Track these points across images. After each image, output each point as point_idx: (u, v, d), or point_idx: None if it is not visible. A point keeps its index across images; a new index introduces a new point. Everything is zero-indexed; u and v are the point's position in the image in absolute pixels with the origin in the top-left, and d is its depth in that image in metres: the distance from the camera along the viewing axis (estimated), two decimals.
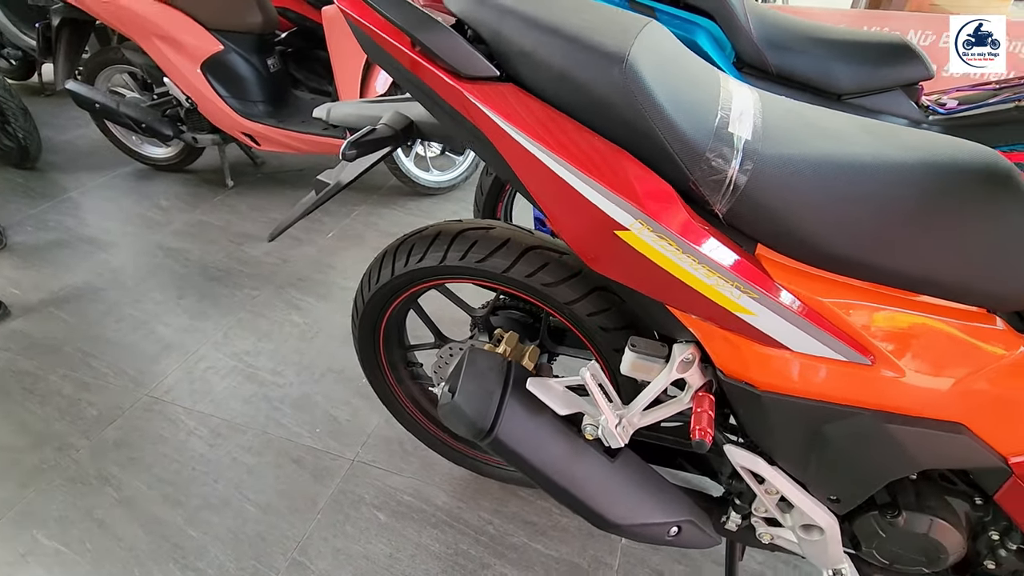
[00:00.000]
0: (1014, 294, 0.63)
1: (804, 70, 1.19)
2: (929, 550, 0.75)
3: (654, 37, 0.66)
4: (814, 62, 1.18)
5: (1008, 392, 0.64)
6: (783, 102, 0.72)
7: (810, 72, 1.19)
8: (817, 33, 1.21)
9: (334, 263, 2.03)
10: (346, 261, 2.05)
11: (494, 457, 1.22)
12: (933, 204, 0.61)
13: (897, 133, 0.69)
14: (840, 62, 1.18)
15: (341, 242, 2.15)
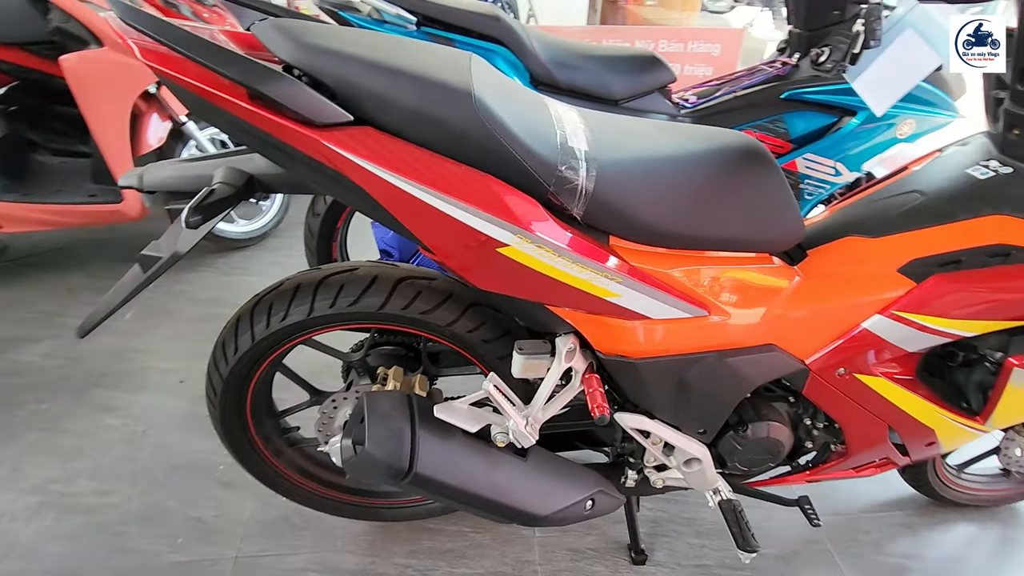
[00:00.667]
0: (780, 239, 0.85)
1: (585, 83, 1.39)
2: (771, 448, 0.96)
3: (483, 69, 0.73)
4: (592, 76, 1.40)
5: (794, 311, 0.85)
6: (595, 115, 0.85)
7: (590, 84, 1.40)
8: (590, 51, 1.43)
9: (141, 347, 1.74)
10: (156, 341, 1.77)
11: (400, 498, 1.19)
12: (719, 180, 0.79)
13: (681, 130, 0.87)
14: (612, 74, 1.41)
15: (146, 321, 1.84)
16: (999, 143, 0.85)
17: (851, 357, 0.86)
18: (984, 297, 0.79)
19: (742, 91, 1.47)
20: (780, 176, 0.82)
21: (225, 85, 0.61)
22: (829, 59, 1.40)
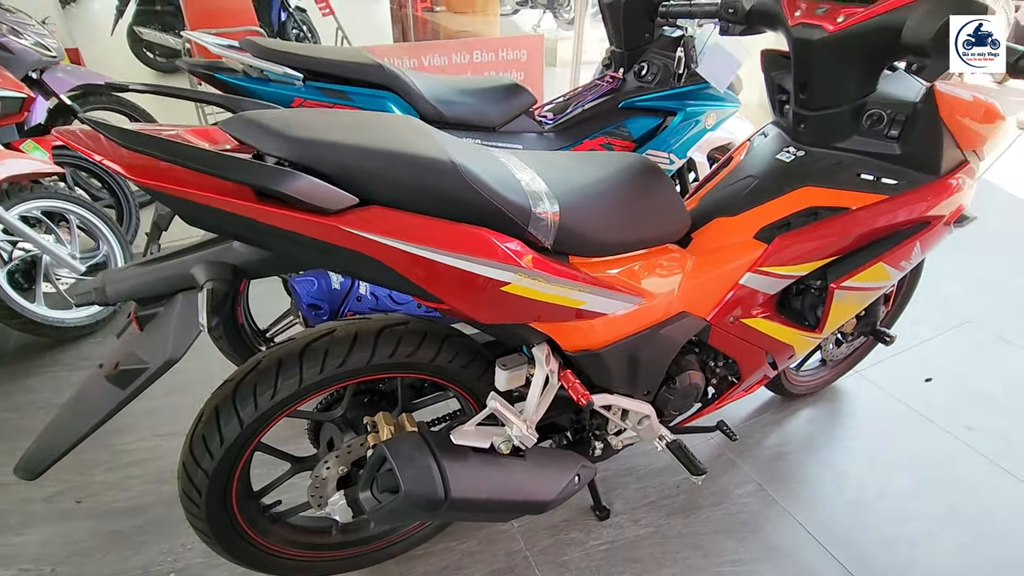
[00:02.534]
0: (676, 231, 1.09)
1: (467, 115, 1.52)
2: (693, 392, 1.21)
3: (439, 132, 0.83)
4: (471, 107, 1.53)
5: (694, 283, 1.10)
6: (527, 154, 0.99)
7: (471, 115, 1.53)
8: (464, 86, 1.56)
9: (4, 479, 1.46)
10: None
11: (390, 535, 1.22)
12: (635, 195, 1.00)
13: (594, 159, 1.05)
14: (486, 104, 1.56)
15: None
16: (791, 133, 1.19)
17: (736, 307, 1.14)
18: (809, 246, 1.12)
19: (588, 105, 1.74)
20: (670, 184, 1.06)
21: (228, 189, 0.63)
22: (649, 72, 1.72)
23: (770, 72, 1.22)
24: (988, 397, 1.82)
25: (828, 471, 1.58)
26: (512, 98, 1.60)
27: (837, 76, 1.05)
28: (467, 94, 1.54)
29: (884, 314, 1.62)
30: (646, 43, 1.72)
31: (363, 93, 1.41)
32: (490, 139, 1.55)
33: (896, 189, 1.08)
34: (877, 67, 1.04)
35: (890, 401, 1.80)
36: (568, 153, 1.07)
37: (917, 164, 1.07)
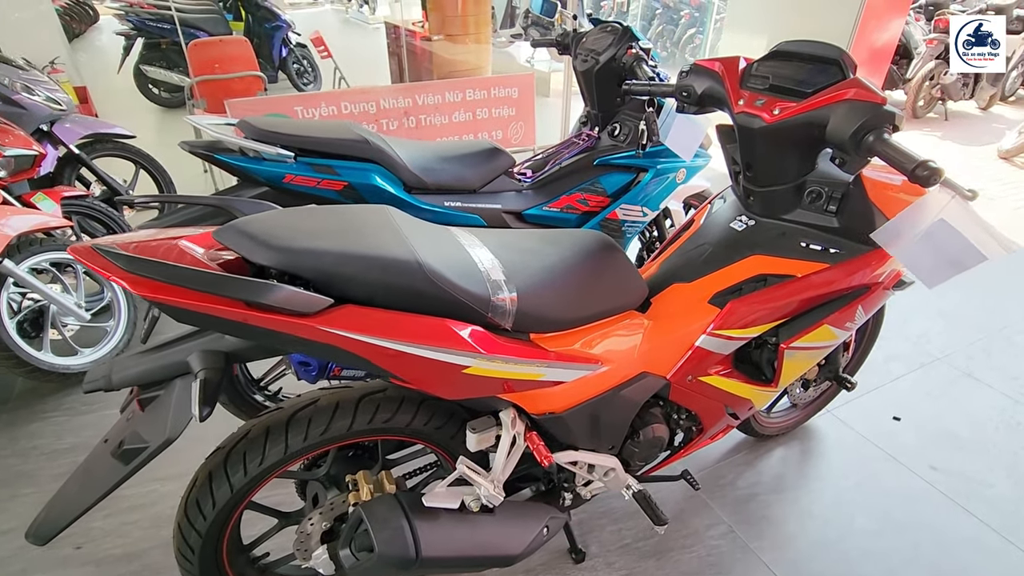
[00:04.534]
0: (634, 299, 1.19)
1: (448, 180, 1.64)
2: (658, 443, 1.29)
3: (407, 222, 0.93)
4: (452, 173, 1.64)
5: (653, 345, 1.19)
6: (489, 235, 1.09)
7: (452, 181, 1.64)
8: (445, 152, 1.68)
9: (6, 526, 1.54)
10: (23, 512, 1.57)
11: None
12: (591, 272, 1.09)
13: (553, 238, 1.15)
14: (466, 168, 1.67)
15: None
16: (743, 203, 1.29)
17: (694, 367, 1.23)
18: (759, 310, 1.21)
19: (566, 163, 1.85)
20: (625, 257, 1.16)
21: (220, 300, 0.73)
22: (621, 132, 1.84)
23: (725, 144, 1.33)
24: (954, 437, 1.90)
25: (796, 511, 1.65)
26: (491, 161, 1.71)
27: (778, 159, 1.15)
28: (448, 160, 1.65)
29: (846, 361, 1.71)
30: (618, 106, 1.84)
31: (350, 167, 1.52)
32: (471, 200, 1.66)
33: (837, 258, 1.17)
34: (813, 153, 1.14)
35: (859, 441, 1.88)
36: (529, 233, 1.16)
37: (854, 236, 1.17)
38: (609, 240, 1.16)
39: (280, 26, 6.34)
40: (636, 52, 1.63)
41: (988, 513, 1.62)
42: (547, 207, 1.79)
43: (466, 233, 1.06)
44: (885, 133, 0.92)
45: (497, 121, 4.47)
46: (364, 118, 3.99)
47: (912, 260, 0.98)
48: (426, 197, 1.60)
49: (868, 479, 1.75)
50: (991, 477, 1.75)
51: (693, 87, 1.27)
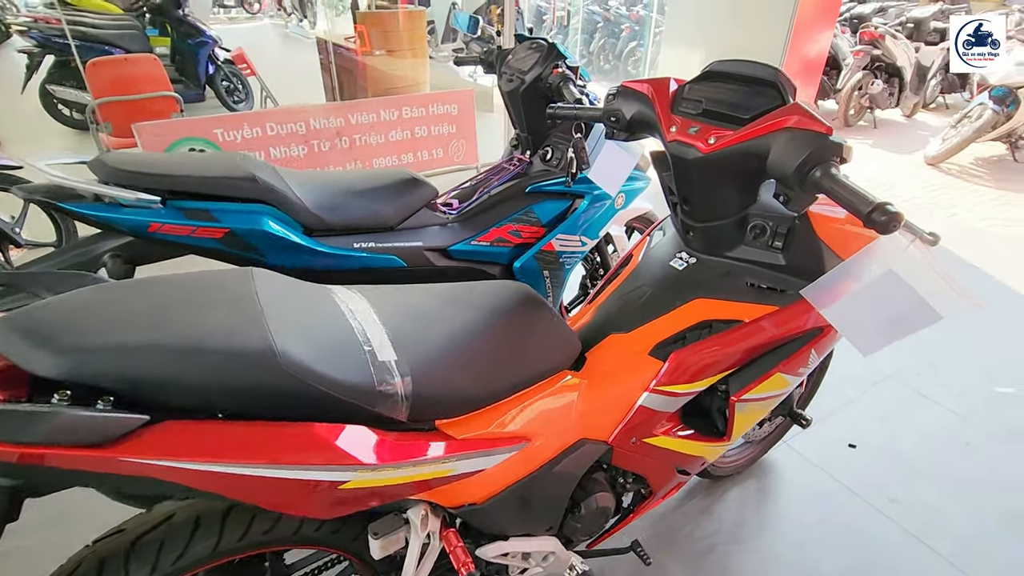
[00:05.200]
0: (565, 358, 1.03)
1: (359, 217, 1.44)
2: (602, 514, 1.14)
3: (273, 290, 0.74)
4: (363, 209, 1.45)
5: (590, 408, 1.03)
6: (384, 297, 0.91)
7: (364, 218, 1.45)
8: (354, 185, 1.48)
9: None
10: None
11: None
12: (508, 335, 0.93)
13: (462, 295, 0.98)
14: (380, 203, 1.48)
15: None
16: (683, 238, 1.16)
17: (637, 428, 1.08)
18: (705, 361, 1.07)
19: (495, 191, 1.69)
20: (550, 311, 1.00)
21: None
22: (553, 157, 1.70)
23: (660, 173, 1.20)
24: (910, 462, 1.83)
25: (758, 561, 1.53)
26: (409, 192, 1.53)
27: (716, 193, 1.03)
28: (357, 194, 1.46)
29: (799, 396, 1.61)
30: (549, 128, 1.70)
31: (233, 210, 1.31)
32: (388, 239, 1.47)
33: (786, 299, 1.05)
34: (754, 184, 1.02)
35: (816, 474, 1.78)
36: (431, 290, 0.98)
37: (802, 274, 1.05)
38: (530, 293, 1.00)
39: (205, 42, 5.97)
40: (562, 72, 1.50)
41: (950, 548, 1.55)
42: (476, 241, 1.62)
43: (355, 295, 0.88)
44: (832, 167, 0.80)
45: (437, 139, 4.30)
46: (293, 140, 3.74)
47: (847, 322, 0.86)
48: (331, 240, 1.40)
49: (829, 516, 1.65)
50: (948, 506, 1.68)
51: (621, 111, 1.13)
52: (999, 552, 1.55)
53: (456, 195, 1.74)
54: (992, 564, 1.51)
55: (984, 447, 1.90)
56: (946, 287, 0.73)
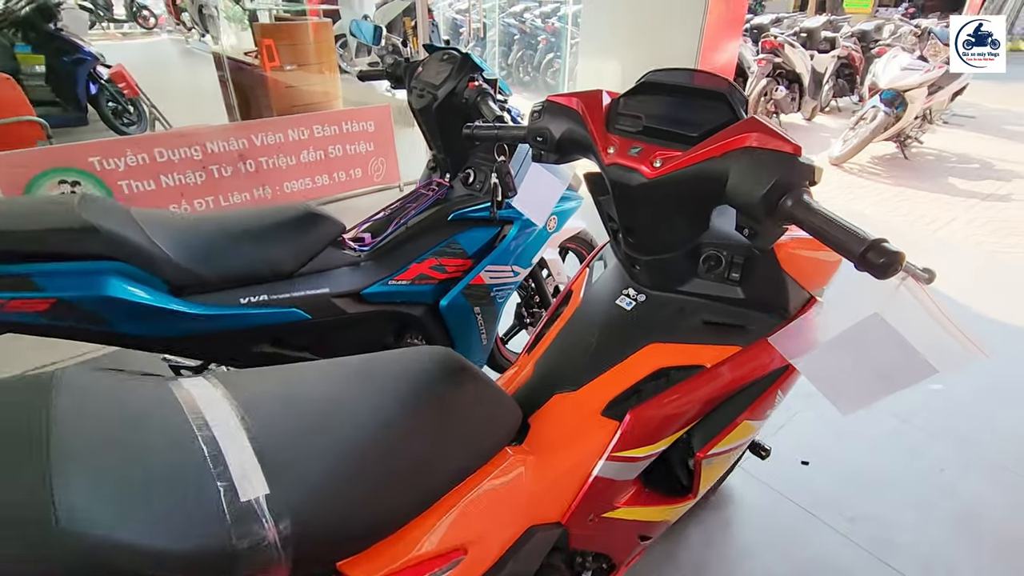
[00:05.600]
0: (505, 431, 0.84)
1: (243, 266, 1.19)
2: None
3: (73, 406, 0.50)
4: (250, 256, 1.20)
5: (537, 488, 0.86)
6: (258, 387, 0.68)
7: (249, 266, 1.20)
8: (238, 226, 1.22)
9: None
10: None
11: None
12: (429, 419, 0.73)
13: (367, 369, 0.77)
14: (273, 246, 1.24)
15: None
16: (627, 271, 1.01)
17: (594, 504, 0.92)
18: (666, 416, 0.93)
19: (413, 221, 1.49)
20: (481, 379, 0.82)
21: None
22: (476, 180, 1.52)
23: (597, 197, 1.05)
24: (861, 474, 1.79)
25: None
26: (309, 230, 1.30)
27: (664, 222, 0.89)
28: (243, 238, 1.21)
29: None
30: (470, 148, 1.52)
31: (64, 273, 1.02)
32: (285, 289, 1.23)
33: (749, 336, 0.93)
34: (706, 209, 0.89)
35: (775, 499, 1.70)
36: (324, 371, 0.76)
37: (764, 307, 0.93)
38: (452, 361, 0.80)
39: (83, 59, 5.35)
40: (479, 86, 1.33)
41: (907, 565, 1.50)
42: (394, 280, 1.41)
43: (211, 390, 0.65)
44: (804, 194, 0.68)
45: (354, 159, 4.02)
46: (188, 166, 3.35)
47: (823, 376, 0.74)
48: (208, 297, 1.14)
49: (792, 544, 1.56)
50: (902, 518, 1.64)
51: (549, 131, 0.97)
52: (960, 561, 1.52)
53: (368, 228, 1.52)
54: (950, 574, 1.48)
55: (927, 449, 1.90)
56: (945, 334, 0.61)
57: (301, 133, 3.74)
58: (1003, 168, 5.26)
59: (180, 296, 1.11)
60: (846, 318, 0.70)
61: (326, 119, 3.86)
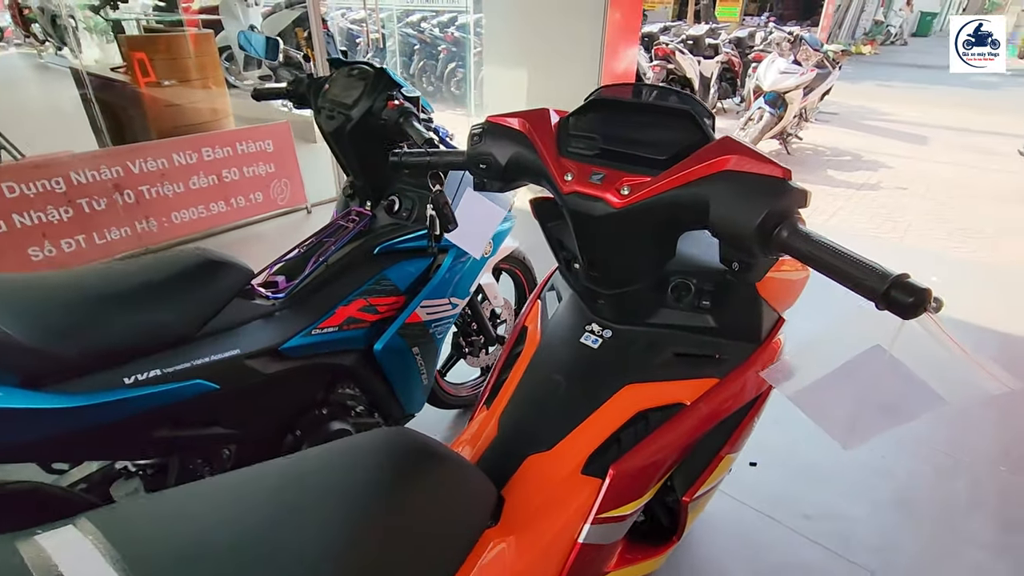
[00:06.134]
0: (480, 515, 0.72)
1: (123, 338, 0.93)
2: None
3: None
4: (128, 323, 0.96)
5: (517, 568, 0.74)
6: (149, 537, 0.50)
7: (129, 337, 0.94)
8: (108, 285, 0.96)
9: None
10: None
11: None
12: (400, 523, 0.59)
13: (307, 469, 0.61)
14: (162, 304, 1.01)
15: None
16: (588, 304, 0.92)
17: (583, 572, 0.81)
18: (649, 467, 0.84)
19: (335, 258, 1.31)
20: (450, 458, 0.68)
21: None
22: (403, 207, 1.37)
23: (546, 224, 0.95)
24: (812, 468, 1.84)
25: None
26: (209, 282, 1.08)
27: (631, 253, 0.80)
28: (121, 300, 0.97)
29: None
30: (393, 171, 1.37)
31: None
32: (183, 358, 1.00)
33: (724, 367, 0.87)
34: (674, 236, 0.81)
35: (734, 506, 1.69)
36: (249, 483, 0.58)
37: (737, 335, 0.88)
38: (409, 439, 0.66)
39: None
40: (400, 105, 1.18)
41: (867, 557, 1.54)
42: (318, 329, 1.23)
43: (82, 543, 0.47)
44: (799, 222, 0.61)
45: (253, 182, 3.68)
46: (49, 201, 2.89)
47: (822, 412, 0.69)
48: (77, 385, 0.89)
49: (759, 551, 1.56)
50: (854, 510, 1.69)
51: (493, 156, 0.86)
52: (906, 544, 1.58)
53: (280, 271, 1.32)
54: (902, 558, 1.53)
55: None
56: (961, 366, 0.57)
57: (188, 157, 3.35)
58: (871, 159, 5.85)
59: (38, 388, 0.85)
60: (846, 350, 0.65)
61: (217, 140, 3.49)
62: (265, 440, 1.21)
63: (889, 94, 9.75)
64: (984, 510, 1.71)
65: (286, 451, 1.23)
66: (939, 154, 6.08)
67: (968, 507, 1.72)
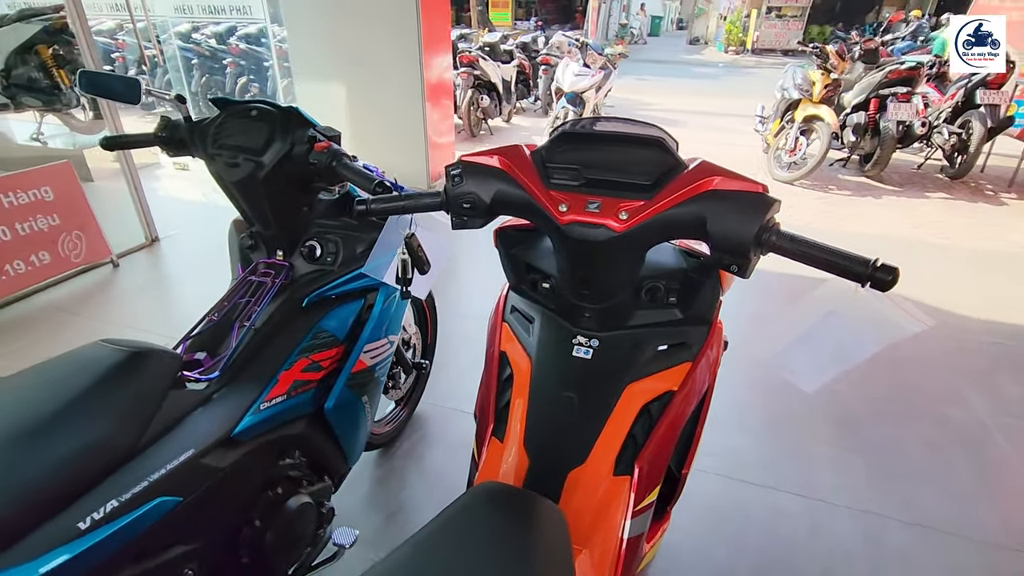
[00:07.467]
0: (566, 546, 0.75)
1: (48, 483, 0.71)
2: None
3: None
4: (55, 461, 0.73)
5: None
6: None
7: (65, 476, 0.72)
8: (2, 424, 0.74)
9: None
10: None
11: None
12: None
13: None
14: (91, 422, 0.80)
15: None
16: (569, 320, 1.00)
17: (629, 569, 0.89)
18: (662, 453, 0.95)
19: (261, 320, 1.17)
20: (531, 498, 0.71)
21: None
22: (325, 252, 1.28)
23: (509, 250, 1.01)
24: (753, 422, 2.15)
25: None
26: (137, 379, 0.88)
27: (623, 270, 0.90)
28: (36, 432, 0.73)
29: None
30: (306, 216, 1.27)
31: None
32: (137, 478, 0.81)
33: (691, 350, 1.02)
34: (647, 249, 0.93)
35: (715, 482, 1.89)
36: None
37: (697, 320, 1.03)
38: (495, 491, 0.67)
39: None
40: (329, 147, 1.10)
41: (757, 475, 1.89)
42: (265, 403, 1.09)
43: None
44: (778, 225, 0.77)
45: (31, 240, 2.96)
46: None
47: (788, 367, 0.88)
48: (20, 551, 0.67)
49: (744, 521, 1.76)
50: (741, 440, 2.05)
51: (477, 195, 0.89)
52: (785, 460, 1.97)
53: (196, 344, 1.14)
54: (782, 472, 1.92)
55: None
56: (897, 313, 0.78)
57: None
58: None
59: None
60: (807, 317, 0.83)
61: None
62: (226, 544, 1.05)
63: (647, 87, 11.48)
64: (817, 415, 2.21)
65: (247, 546, 1.08)
66: (698, 134, 7.37)
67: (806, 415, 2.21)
